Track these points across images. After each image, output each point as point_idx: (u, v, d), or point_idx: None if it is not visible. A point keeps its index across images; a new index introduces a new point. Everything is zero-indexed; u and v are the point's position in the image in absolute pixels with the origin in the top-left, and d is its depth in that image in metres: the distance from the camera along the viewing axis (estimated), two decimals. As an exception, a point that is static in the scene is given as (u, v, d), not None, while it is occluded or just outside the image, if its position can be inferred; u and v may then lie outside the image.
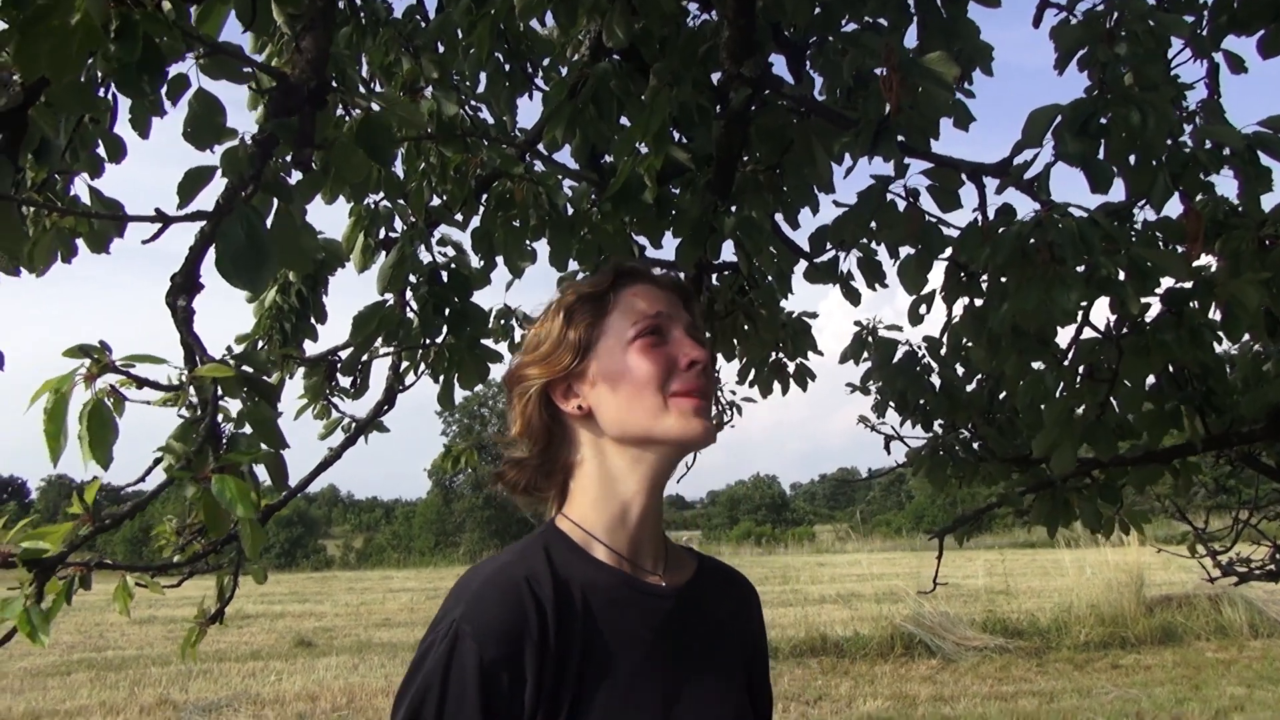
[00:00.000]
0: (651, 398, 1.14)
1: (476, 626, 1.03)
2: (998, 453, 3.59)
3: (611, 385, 1.16)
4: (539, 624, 1.05)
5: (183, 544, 2.22)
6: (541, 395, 1.19)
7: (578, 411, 1.18)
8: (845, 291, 3.44)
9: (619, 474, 1.17)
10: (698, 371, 1.15)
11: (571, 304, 1.20)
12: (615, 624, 1.11)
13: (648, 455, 1.16)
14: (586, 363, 1.18)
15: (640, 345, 1.16)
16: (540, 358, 1.20)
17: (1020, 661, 10.44)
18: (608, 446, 1.17)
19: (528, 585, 1.07)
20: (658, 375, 1.14)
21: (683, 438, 1.14)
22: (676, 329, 1.19)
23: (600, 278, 1.22)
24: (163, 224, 1.42)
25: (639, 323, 1.17)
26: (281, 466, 1.78)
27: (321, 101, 1.56)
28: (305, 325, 3.13)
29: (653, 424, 1.14)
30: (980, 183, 2.48)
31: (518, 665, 1.03)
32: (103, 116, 2.03)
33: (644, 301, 1.19)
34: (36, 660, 11.00)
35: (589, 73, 2.57)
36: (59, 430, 1.23)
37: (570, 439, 1.21)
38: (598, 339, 1.18)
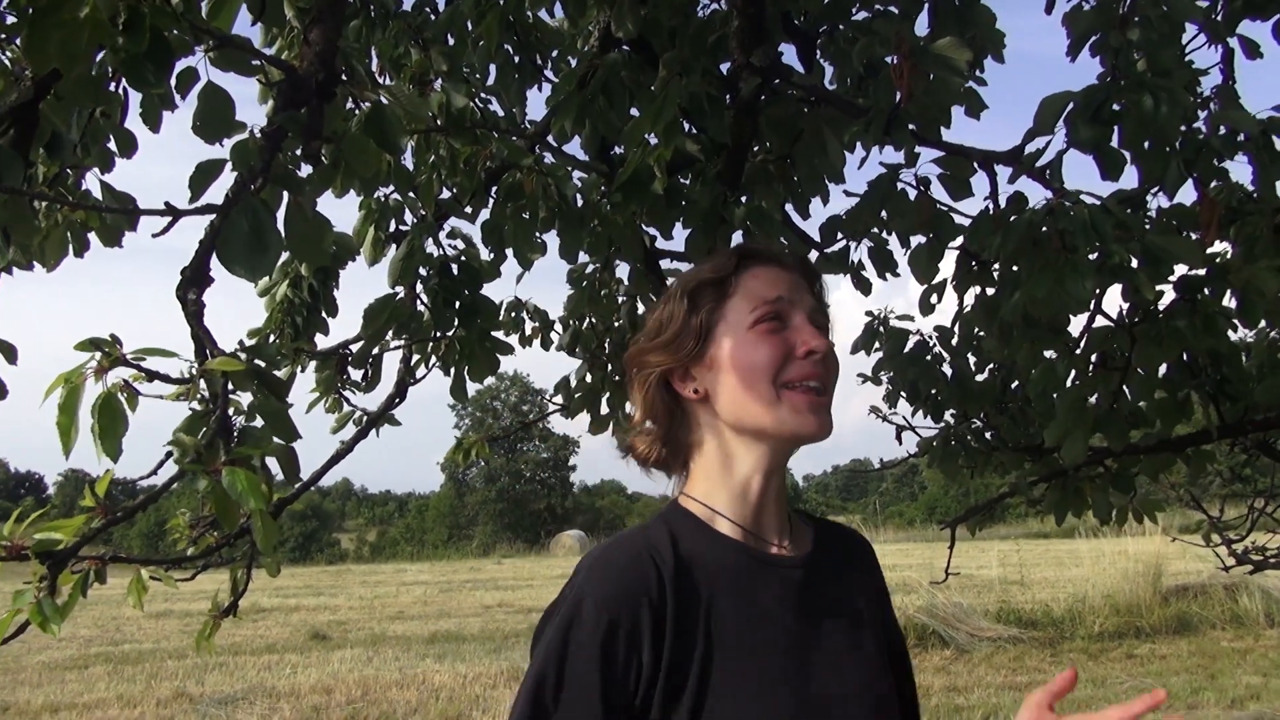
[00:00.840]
0: (765, 388, 1.12)
1: (597, 591, 1.05)
2: (1009, 442, 3.58)
3: (728, 372, 1.14)
4: (659, 591, 1.06)
5: (196, 537, 2.23)
6: (661, 379, 1.19)
7: (694, 395, 1.18)
8: (856, 281, 3.43)
9: (737, 457, 1.17)
10: (815, 360, 1.13)
11: (694, 288, 1.18)
12: (743, 598, 1.11)
13: (763, 443, 1.15)
14: (706, 347, 1.17)
15: (758, 331, 1.14)
16: (662, 344, 1.18)
17: (1034, 652, 10.41)
18: (725, 431, 1.17)
19: (649, 555, 1.08)
20: (773, 363, 1.12)
21: (795, 433, 1.13)
22: (798, 315, 1.16)
23: (724, 260, 1.20)
24: (173, 217, 1.42)
25: (758, 308, 1.15)
26: (293, 459, 1.78)
27: (330, 94, 1.56)
28: (316, 319, 3.13)
29: (765, 415, 1.13)
30: (992, 171, 2.46)
31: (636, 630, 1.03)
32: (113, 111, 2.04)
33: (765, 285, 1.17)
34: (54, 654, 11.09)
35: (598, 63, 2.56)
36: (71, 423, 1.24)
37: (690, 421, 1.20)
38: (717, 323, 1.17)
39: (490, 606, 16.11)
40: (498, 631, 12.84)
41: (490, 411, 43.59)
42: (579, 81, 2.58)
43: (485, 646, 11.55)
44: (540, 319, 4.07)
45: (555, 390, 3.88)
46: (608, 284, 3.39)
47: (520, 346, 4.06)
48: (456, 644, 11.85)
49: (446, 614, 15.16)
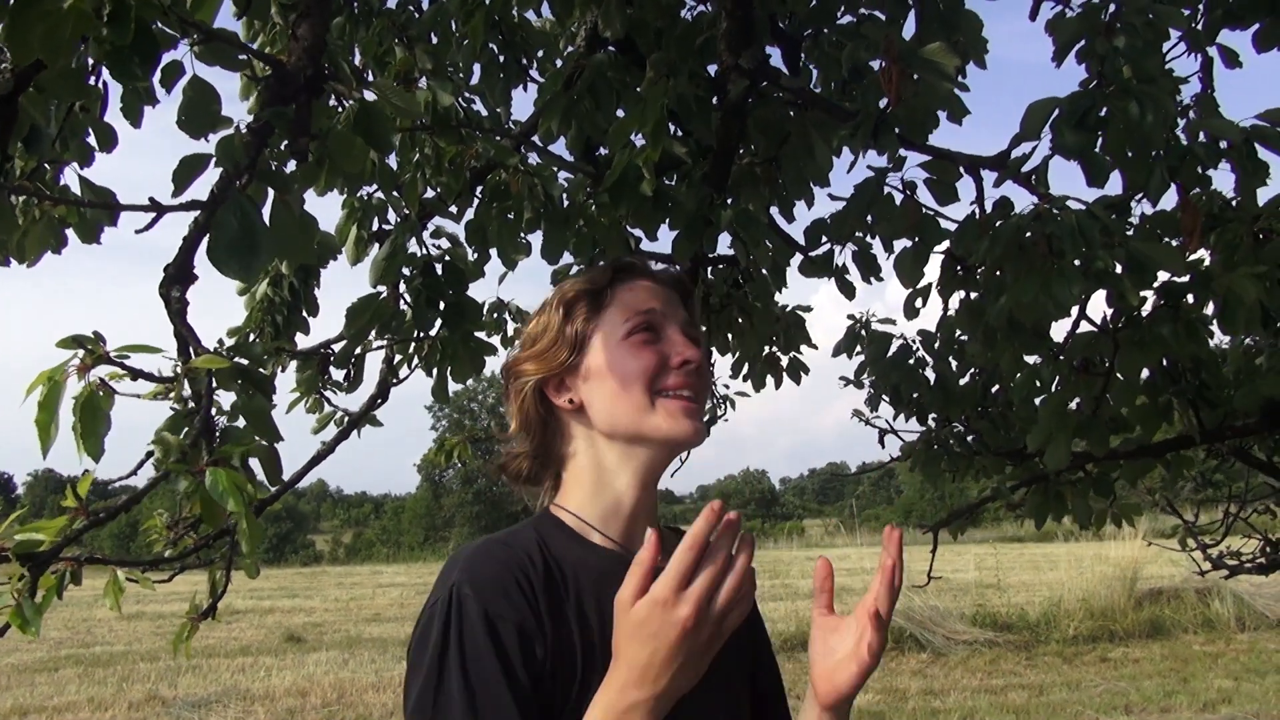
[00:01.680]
0: (640, 395, 1.13)
1: (475, 584, 1.03)
2: (991, 446, 3.59)
3: (602, 381, 1.16)
4: (532, 586, 1.05)
5: (175, 538, 2.19)
6: (536, 389, 1.20)
7: (569, 405, 1.18)
8: (840, 285, 3.44)
9: (611, 468, 1.17)
10: (689, 370, 1.15)
11: (570, 299, 1.20)
12: (610, 602, 1.08)
13: (638, 451, 1.16)
14: (580, 358, 1.18)
15: (632, 342, 1.16)
16: (537, 353, 1.19)
17: (1009, 655, 10.48)
18: (599, 441, 1.18)
19: (520, 553, 1.08)
20: (647, 372, 1.14)
21: (670, 437, 1.14)
22: (671, 326, 1.18)
23: (599, 273, 1.22)
24: (157, 213, 1.39)
25: (631, 319, 1.17)
26: (275, 460, 1.76)
27: (318, 90, 1.54)
28: (297, 318, 3.10)
29: (640, 422, 1.14)
30: (978, 175, 2.47)
31: (522, 622, 1.02)
32: (94, 104, 2.00)
33: (640, 298, 1.19)
34: (24, 656, 10.93)
35: (585, 64, 2.55)
36: (50, 421, 1.21)
37: (564, 432, 1.21)
38: (592, 334, 1.18)
39: (467, 609, 15.99)
40: (475, 634, 12.74)
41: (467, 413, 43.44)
42: (565, 82, 2.57)
43: (462, 649, 11.47)
44: (522, 320, 4.05)
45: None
46: (592, 285, 3.38)
47: (502, 347, 4.05)
48: (433, 646, 11.75)
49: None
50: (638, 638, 0.94)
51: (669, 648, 0.93)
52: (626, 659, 0.95)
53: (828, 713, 1.15)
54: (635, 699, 0.94)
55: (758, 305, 3.29)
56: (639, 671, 0.94)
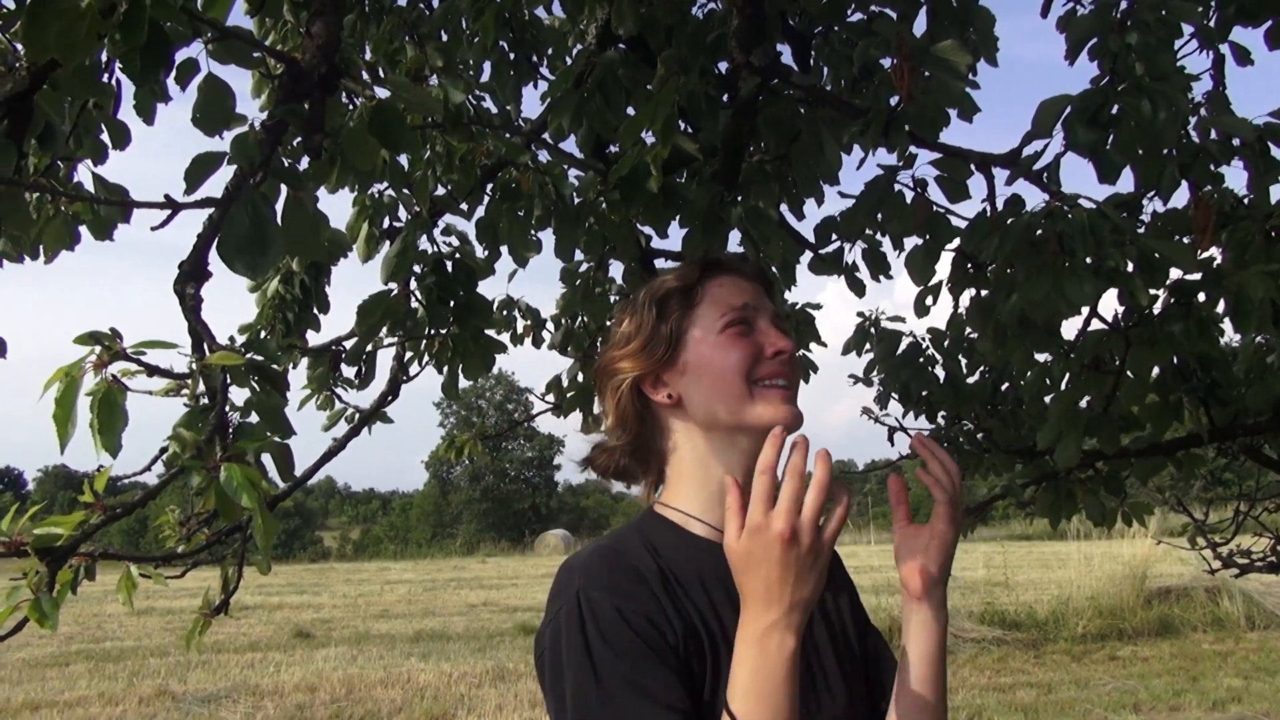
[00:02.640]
0: (739, 386, 1.17)
1: (600, 586, 1.06)
2: (1001, 444, 3.59)
3: (700, 374, 1.19)
4: (650, 587, 1.08)
5: (188, 534, 2.20)
6: (633, 386, 1.22)
7: (668, 400, 1.21)
8: (850, 283, 3.43)
9: (711, 459, 1.20)
10: (783, 360, 1.19)
11: (662, 296, 1.23)
12: (724, 594, 1.12)
13: (739, 440, 1.19)
14: (677, 354, 1.21)
15: (728, 335, 1.19)
16: (633, 351, 1.22)
17: (1018, 653, 10.46)
18: (699, 433, 1.21)
19: (629, 559, 1.12)
20: (744, 364, 1.17)
21: (771, 423, 1.15)
22: (762, 319, 1.22)
23: (688, 270, 1.25)
24: (172, 210, 1.40)
25: (726, 314, 1.20)
26: (288, 456, 1.77)
27: (332, 87, 1.54)
28: (308, 315, 3.11)
29: (741, 412, 1.17)
30: (989, 173, 2.46)
31: (649, 612, 1.05)
32: (107, 102, 2.01)
33: (731, 292, 1.22)
34: (35, 651, 11.00)
35: (596, 61, 2.55)
36: (68, 417, 1.22)
37: (662, 427, 1.24)
38: (687, 330, 1.21)
39: (475, 605, 16.06)
40: (482, 630, 12.80)
41: (475, 410, 43.50)
42: (576, 79, 2.57)
43: (470, 645, 11.52)
44: (532, 317, 4.06)
45: (547, 389, 3.87)
46: (601, 282, 3.38)
47: (512, 345, 4.06)
48: (441, 643, 11.82)
49: (431, 613, 15.11)
50: (749, 568, 1.00)
51: (778, 565, 0.99)
52: (748, 592, 1.01)
53: (924, 603, 1.18)
54: (770, 620, 0.99)
55: (768, 303, 3.29)
56: (762, 596, 1.00)
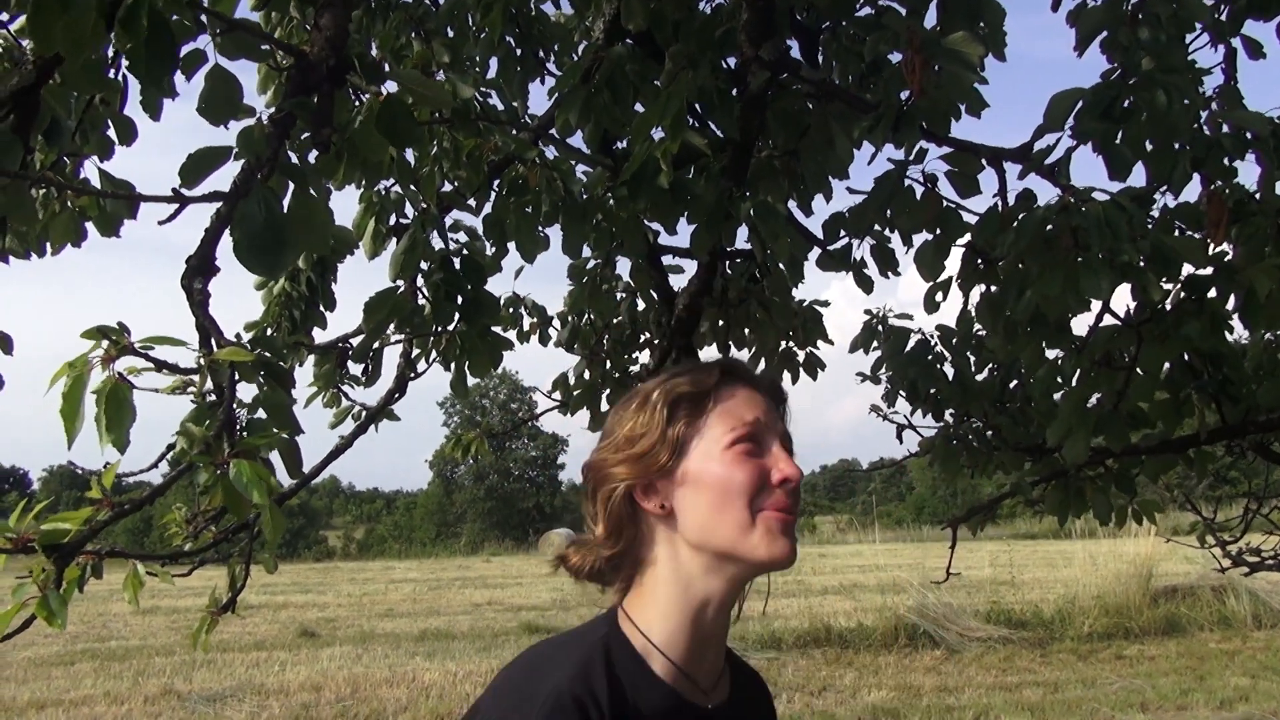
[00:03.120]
0: (741, 511, 1.09)
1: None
2: (1010, 442, 3.57)
3: (699, 491, 1.11)
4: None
5: (195, 532, 2.19)
6: (626, 493, 1.14)
7: (660, 510, 1.13)
8: (858, 279, 3.42)
9: (692, 581, 1.12)
10: (789, 489, 1.11)
11: (675, 400, 1.14)
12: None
13: (726, 568, 1.11)
14: (678, 462, 1.12)
15: (736, 452, 1.11)
16: (635, 455, 1.13)
17: (1024, 652, 10.43)
18: (684, 550, 1.13)
19: (588, 714, 1.03)
20: (751, 486, 1.10)
21: (767, 559, 1.10)
22: (774, 440, 1.14)
23: (704, 375, 1.16)
24: (179, 204, 1.39)
25: (737, 429, 1.12)
26: (296, 453, 1.75)
27: (340, 80, 1.53)
28: (314, 313, 3.10)
29: (737, 539, 1.09)
30: (1000, 168, 2.45)
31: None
32: (113, 97, 2.00)
33: (743, 405, 1.14)
34: (40, 650, 11.00)
35: (604, 56, 2.53)
36: (75, 412, 1.21)
37: (646, 536, 1.15)
38: (692, 437, 1.13)
39: (480, 604, 16.07)
40: (487, 629, 12.80)
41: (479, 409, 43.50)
42: (583, 74, 2.55)
43: (475, 644, 11.52)
44: (538, 315, 4.05)
45: (554, 387, 3.85)
46: (609, 279, 3.36)
47: (518, 342, 4.04)
48: (446, 642, 11.82)
49: (436, 612, 15.11)
50: None
51: None
52: None
53: None
54: None
55: (776, 300, 3.27)
56: None
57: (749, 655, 10.19)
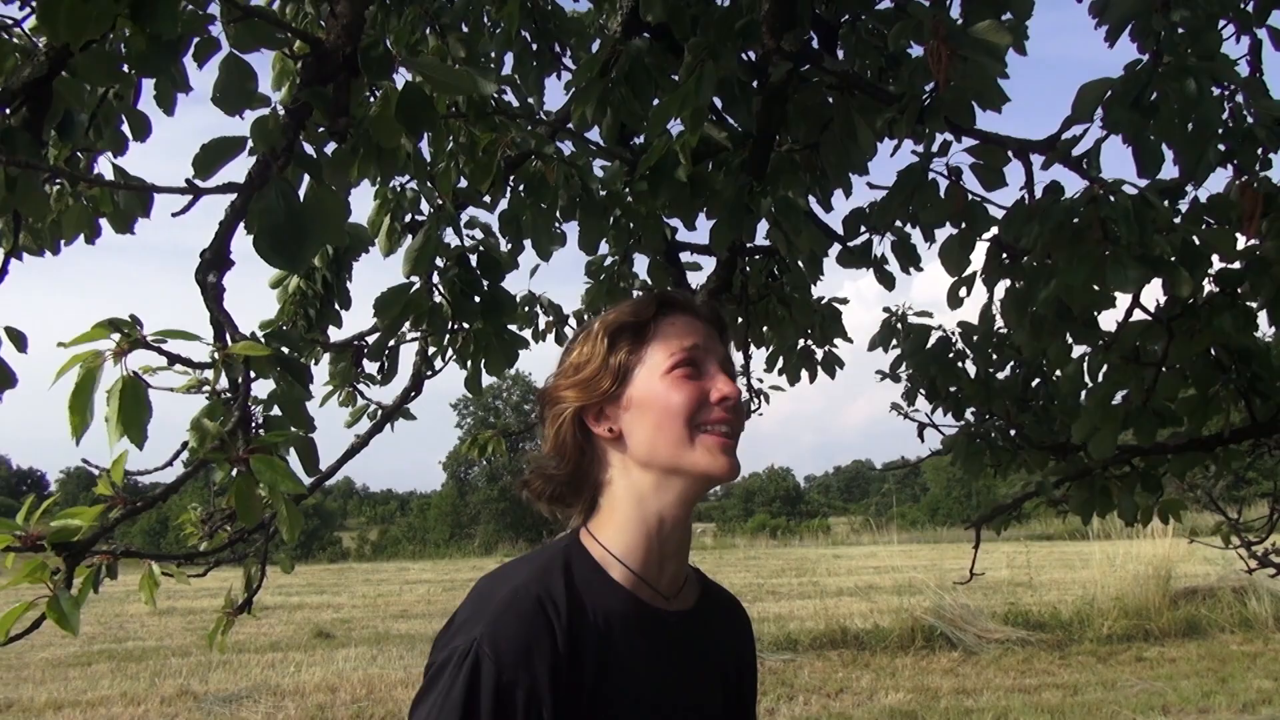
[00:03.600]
0: (681, 429, 1.16)
1: (495, 649, 1.06)
2: (1034, 440, 3.51)
3: (643, 413, 1.18)
4: (553, 647, 1.08)
5: (210, 532, 2.16)
6: (575, 417, 1.22)
7: (609, 434, 1.21)
8: (879, 276, 3.37)
9: (645, 497, 1.19)
10: (728, 406, 1.18)
11: (614, 329, 1.22)
12: (626, 647, 1.14)
13: (674, 483, 1.18)
14: (622, 388, 1.20)
15: (675, 376, 1.18)
16: (579, 382, 1.21)
17: (1043, 654, 10.33)
18: (635, 470, 1.20)
19: (544, 609, 1.10)
20: (689, 407, 1.17)
21: (708, 472, 1.17)
22: (711, 363, 1.21)
23: (643, 305, 1.24)
24: (193, 196, 1.36)
25: (676, 354, 1.19)
26: (312, 451, 1.72)
27: (357, 69, 1.49)
28: (330, 311, 3.08)
29: (679, 455, 1.16)
30: (1027, 160, 2.40)
31: (534, 687, 1.06)
32: (127, 91, 1.97)
33: (683, 332, 1.21)
34: (58, 651, 11.04)
35: (621, 49, 2.50)
36: (85, 407, 1.17)
37: (600, 458, 1.23)
38: (635, 365, 1.20)
39: (494, 606, 15.99)
40: (502, 631, 12.74)
41: (493, 410, 43.55)
42: (601, 67, 2.52)
43: (490, 646, 11.46)
44: (554, 313, 4.01)
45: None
46: (626, 277, 3.32)
47: (534, 341, 4.01)
48: (461, 643, 11.76)
49: (450, 612, 15.02)
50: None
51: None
52: None
53: None
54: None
55: (796, 296, 3.23)
56: None
57: (764, 657, 10.15)
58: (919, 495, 59.39)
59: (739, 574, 20.45)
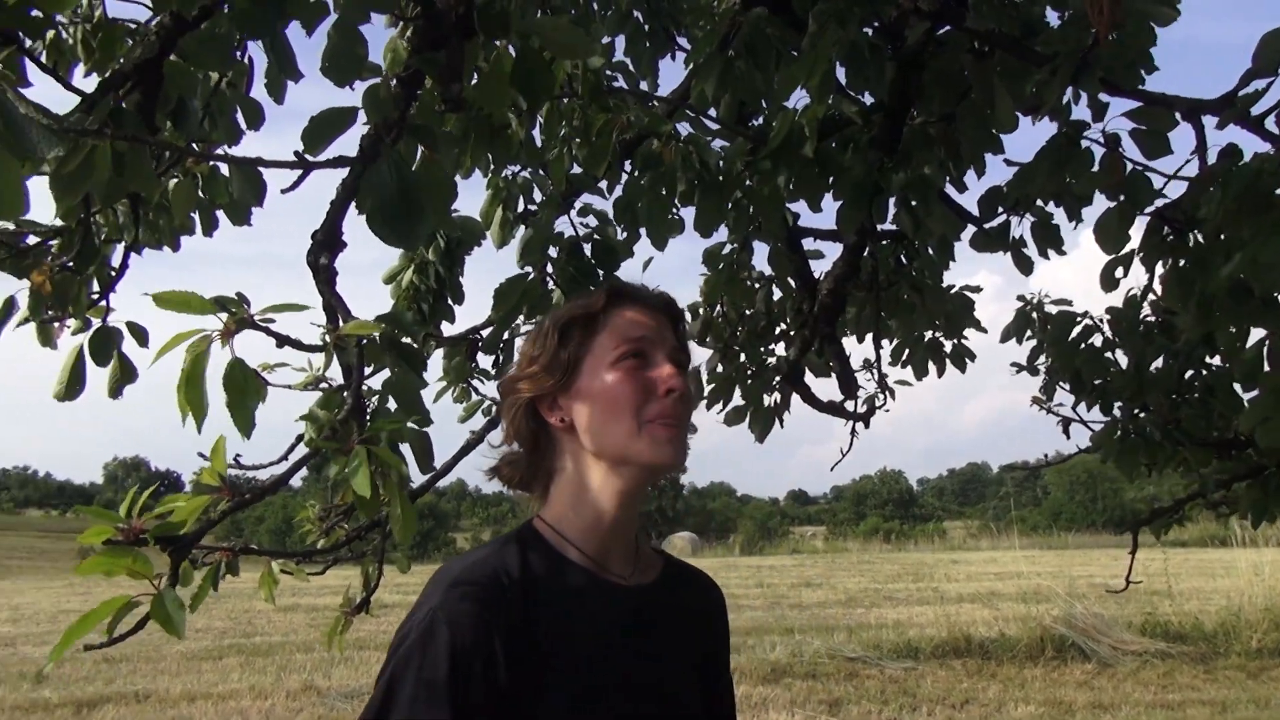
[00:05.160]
0: (628, 420, 1.20)
1: (451, 616, 1.10)
2: (1194, 435, 3.21)
3: (591, 404, 1.22)
4: (508, 616, 1.12)
5: (327, 529, 2.12)
6: (529, 406, 1.26)
7: (560, 424, 1.25)
8: (1017, 260, 3.14)
9: (594, 485, 1.23)
10: (674, 399, 1.20)
11: (564, 323, 1.26)
12: (580, 617, 1.18)
13: (621, 472, 1.22)
14: (572, 379, 1.24)
15: (622, 368, 1.21)
16: (531, 374, 1.26)
17: (1185, 668, 9.70)
18: (586, 458, 1.24)
19: (499, 579, 1.14)
20: (634, 399, 1.20)
21: (652, 463, 1.20)
22: (659, 353, 1.24)
23: (593, 298, 1.27)
24: (303, 170, 1.28)
25: (621, 345, 1.22)
26: (428, 445, 1.64)
27: (470, 31, 1.40)
28: (443, 305, 3.03)
29: (626, 446, 1.20)
30: (1198, 123, 2.15)
31: (489, 652, 1.09)
32: (239, 79, 1.94)
33: (630, 324, 1.25)
34: (191, 644, 11.49)
35: (741, 21, 2.35)
36: (200, 394, 1.10)
37: (554, 447, 1.27)
38: (584, 357, 1.24)
39: (605, 607, 16.03)
40: (614, 632, 12.73)
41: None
42: (720, 41, 2.38)
43: (602, 647, 11.45)
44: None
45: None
46: (745, 265, 3.17)
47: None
48: (573, 643, 11.78)
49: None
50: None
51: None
52: None
53: None
54: None
55: (929, 283, 3.02)
56: None
57: (884, 664, 9.82)
58: (1040, 498, 57.25)
59: (853, 579, 19.99)
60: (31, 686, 9.28)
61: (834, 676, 9.30)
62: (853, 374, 3.49)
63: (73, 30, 2.08)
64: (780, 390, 3.52)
